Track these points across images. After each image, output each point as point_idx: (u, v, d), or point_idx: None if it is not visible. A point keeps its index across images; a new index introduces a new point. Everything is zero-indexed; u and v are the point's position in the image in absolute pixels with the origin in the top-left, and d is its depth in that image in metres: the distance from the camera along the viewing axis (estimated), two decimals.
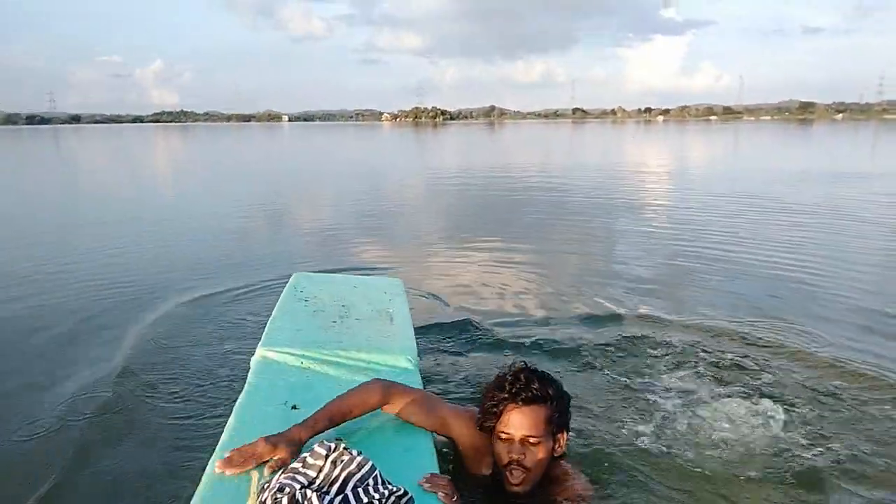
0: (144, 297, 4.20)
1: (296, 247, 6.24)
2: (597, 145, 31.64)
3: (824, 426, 2.46)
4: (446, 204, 10.29)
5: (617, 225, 7.84)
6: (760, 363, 3.04)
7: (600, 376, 2.91)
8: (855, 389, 2.77)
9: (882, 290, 4.69)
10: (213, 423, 2.31)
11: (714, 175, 15.88)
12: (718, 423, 2.46)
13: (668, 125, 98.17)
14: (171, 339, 3.34)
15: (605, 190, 11.47)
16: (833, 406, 2.63)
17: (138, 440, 2.34)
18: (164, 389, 2.73)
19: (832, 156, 22.69)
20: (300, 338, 2.21)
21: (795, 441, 2.34)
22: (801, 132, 54.28)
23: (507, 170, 16.75)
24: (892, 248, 6.38)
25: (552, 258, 5.87)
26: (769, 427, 2.45)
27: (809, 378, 2.89)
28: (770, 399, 2.63)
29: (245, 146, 36.34)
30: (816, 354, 3.20)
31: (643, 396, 2.68)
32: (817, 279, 4.88)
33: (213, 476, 1.41)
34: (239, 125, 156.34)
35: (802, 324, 3.71)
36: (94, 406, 2.58)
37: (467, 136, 52.53)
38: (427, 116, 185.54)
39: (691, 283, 4.85)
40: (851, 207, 8.92)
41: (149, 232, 7.26)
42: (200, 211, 9.31)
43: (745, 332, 3.51)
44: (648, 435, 2.37)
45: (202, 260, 5.59)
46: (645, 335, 3.43)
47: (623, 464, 2.17)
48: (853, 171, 15.43)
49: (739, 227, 7.42)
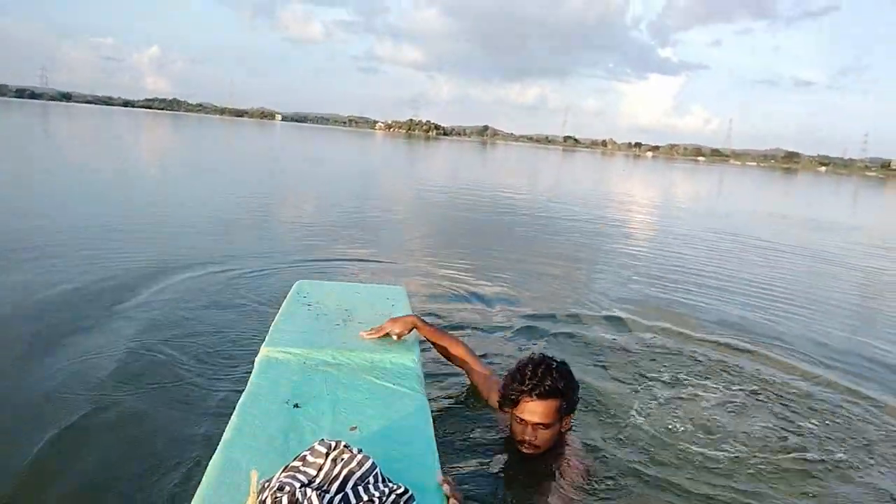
0: (139, 290, 4.13)
1: (300, 255, 5.80)
2: (596, 177, 31.93)
3: (798, 422, 2.90)
4: (443, 217, 10.34)
5: (611, 249, 8.25)
6: (734, 365, 3.59)
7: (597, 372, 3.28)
8: (823, 392, 3.32)
9: (846, 318, 5.50)
10: (215, 421, 2.29)
11: (702, 212, 16.64)
12: (702, 413, 2.90)
13: (656, 161, 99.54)
14: (171, 341, 3.28)
15: (604, 219, 11.91)
16: (802, 402, 3.14)
17: (139, 439, 2.31)
18: (165, 390, 2.70)
19: (814, 205, 24.33)
20: (303, 339, 2.23)
21: (765, 432, 2.78)
22: (786, 180, 55.47)
23: (511, 190, 16.82)
24: (859, 287, 7.25)
25: (541, 271, 6.12)
26: (744, 416, 2.92)
27: (777, 379, 3.44)
28: (741, 391, 3.19)
29: (246, 142, 35.99)
30: (787, 363, 3.77)
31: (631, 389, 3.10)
32: (788, 305, 5.57)
33: (215, 474, 1.41)
34: (231, 119, 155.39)
35: (771, 338, 4.31)
36: (93, 406, 2.52)
37: (463, 152, 52.88)
38: (421, 129, 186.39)
39: (666, 299, 5.36)
40: (828, 251, 9.85)
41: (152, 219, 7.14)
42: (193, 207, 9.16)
43: (719, 341, 4.05)
44: (641, 421, 2.72)
45: (198, 253, 5.45)
46: (620, 338, 3.93)
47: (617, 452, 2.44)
48: (833, 221, 16.58)
49: (726, 258, 8.10)
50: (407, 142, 76.04)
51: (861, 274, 8.12)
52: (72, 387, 2.67)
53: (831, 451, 2.61)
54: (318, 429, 1.62)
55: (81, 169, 12.59)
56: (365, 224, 8.38)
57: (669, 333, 4.07)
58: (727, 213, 16.75)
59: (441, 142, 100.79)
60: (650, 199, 19.27)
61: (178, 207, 8.44)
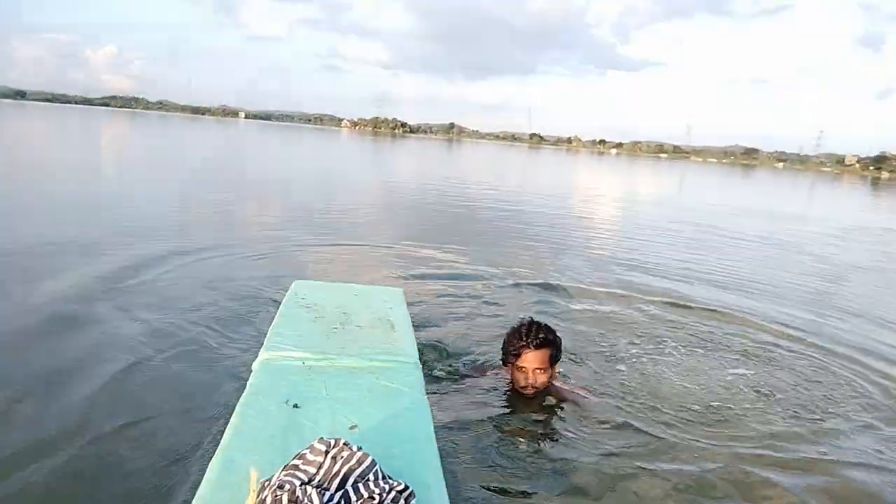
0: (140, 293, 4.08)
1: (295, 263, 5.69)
2: (565, 173, 32.79)
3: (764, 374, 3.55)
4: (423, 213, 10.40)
5: (587, 235, 9.10)
6: (707, 331, 4.27)
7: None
8: (787, 346, 4.09)
9: (800, 288, 6.44)
10: (215, 422, 2.29)
11: (669, 204, 17.73)
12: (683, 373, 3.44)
13: (620, 158, 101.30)
14: (170, 342, 3.24)
15: (583, 211, 13.02)
16: (767, 356, 3.85)
17: (139, 439, 2.29)
18: (164, 392, 2.68)
19: (773, 198, 25.83)
20: (302, 342, 2.23)
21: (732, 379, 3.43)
22: (746, 176, 56.96)
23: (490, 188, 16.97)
24: (815, 268, 8.05)
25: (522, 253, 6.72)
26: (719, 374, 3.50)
27: (743, 338, 4.19)
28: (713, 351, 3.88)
29: (217, 143, 35.31)
30: (755, 322, 4.60)
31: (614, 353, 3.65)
32: (748, 281, 6.41)
33: (215, 474, 1.41)
34: (193, 117, 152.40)
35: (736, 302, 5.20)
36: (91, 411, 2.49)
37: (432, 150, 52.96)
38: (387, 127, 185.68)
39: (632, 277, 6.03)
40: (786, 239, 10.92)
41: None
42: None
43: (677, 302, 4.92)
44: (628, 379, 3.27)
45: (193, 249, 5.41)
46: (591, 306, 4.69)
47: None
48: (790, 213, 17.93)
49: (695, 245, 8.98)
50: (374, 139, 75.71)
51: (813, 257, 8.92)
52: (71, 388, 2.64)
53: (783, 391, 3.31)
54: (317, 428, 1.62)
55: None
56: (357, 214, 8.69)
57: (631, 301, 4.90)
58: (690, 206, 17.81)
59: (408, 139, 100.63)
60: (621, 194, 20.18)
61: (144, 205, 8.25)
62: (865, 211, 22.89)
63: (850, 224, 15.65)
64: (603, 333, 3.97)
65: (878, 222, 17.61)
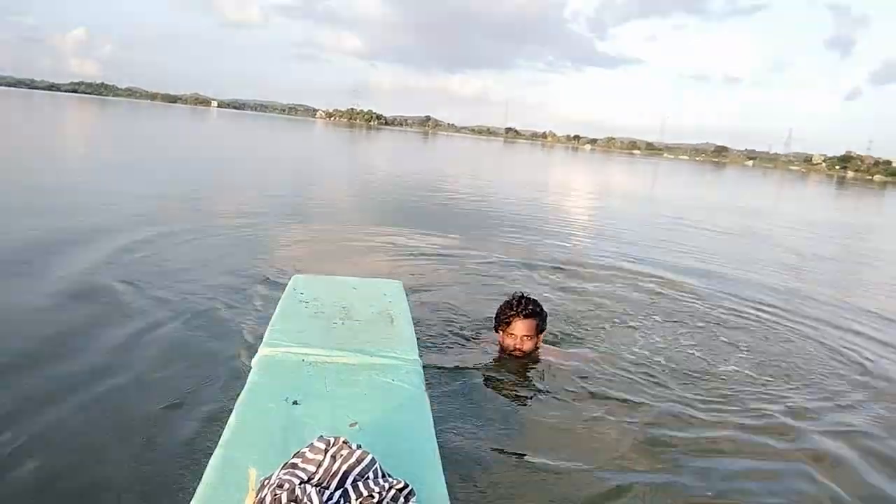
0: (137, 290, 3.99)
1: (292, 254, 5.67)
2: (549, 169, 33.19)
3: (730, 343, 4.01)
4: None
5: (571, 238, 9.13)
6: (679, 304, 4.89)
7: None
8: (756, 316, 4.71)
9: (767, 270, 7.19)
10: (214, 420, 2.28)
11: (647, 198, 18.78)
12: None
13: (595, 154, 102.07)
14: (168, 342, 3.20)
15: (559, 204, 13.57)
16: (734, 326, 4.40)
17: (137, 437, 2.27)
18: (164, 388, 2.66)
19: (743, 194, 27.11)
20: (302, 338, 2.22)
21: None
22: (717, 173, 57.91)
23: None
24: (779, 253, 9.06)
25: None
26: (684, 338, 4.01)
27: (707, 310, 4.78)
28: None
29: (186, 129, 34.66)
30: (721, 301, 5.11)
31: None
32: (721, 265, 7.14)
33: (214, 473, 1.41)
34: (164, 105, 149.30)
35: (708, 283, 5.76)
36: (90, 411, 2.46)
37: (408, 142, 52.78)
38: (362, 119, 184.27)
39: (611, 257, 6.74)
40: (756, 231, 11.92)
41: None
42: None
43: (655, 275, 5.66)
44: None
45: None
46: (573, 283, 5.28)
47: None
48: (760, 208, 19.04)
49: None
50: (350, 131, 75.11)
51: (782, 247, 9.72)
52: (70, 388, 2.60)
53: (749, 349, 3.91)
54: (317, 426, 1.61)
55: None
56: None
57: (613, 279, 5.54)
58: (665, 200, 18.65)
59: (383, 131, 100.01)
60: (598, 188, 20.73)
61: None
62: (830, 210, 23.60)
63: (817, 219, 16.67)
64: (589, 307, 4.49)
65: (841, 219, 18.56)
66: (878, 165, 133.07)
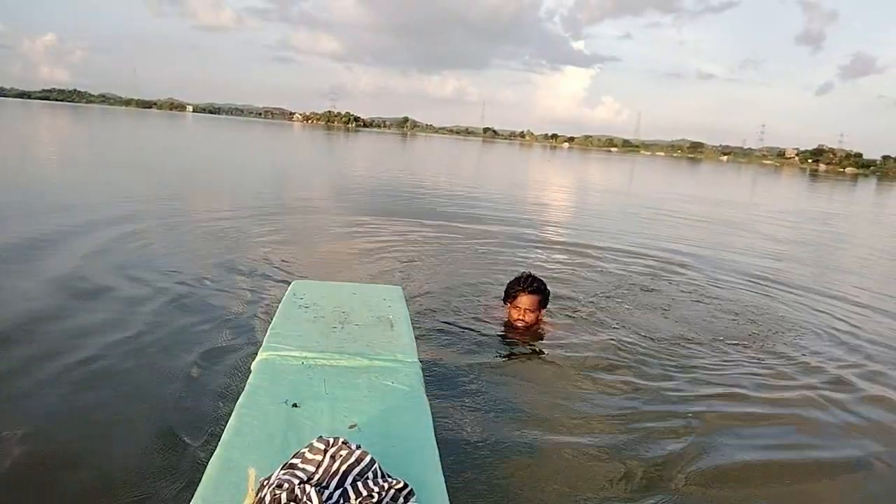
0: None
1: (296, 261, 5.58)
2: (530, 168, 33.51)
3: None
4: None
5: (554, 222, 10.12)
6: (658, 278, 5.62)
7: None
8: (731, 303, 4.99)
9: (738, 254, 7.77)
10: (214, 422, 2.29)
11: (623, 192, 19.57)
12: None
13: (572, 152, 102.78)
14: (166, 340, 3.21)
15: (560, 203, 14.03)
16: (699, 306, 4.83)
17: (138, 438, 2.28)
18: (163, 390, 2.66)
19: (718, 188, 27.97)
20: (301, 342, 2.23)
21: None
22: (693, 168, 58.61)
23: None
24: (753, 240, 9.72)
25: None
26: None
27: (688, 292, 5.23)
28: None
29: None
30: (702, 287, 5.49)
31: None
32: (699, 248, 7.78)
33: (214, 473, 1.41)
34: (139, 111, 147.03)
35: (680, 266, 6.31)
36: (90, 410, 2.46)
37: (389, 143, 52.64)
38: (340, 121, 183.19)
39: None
40: (732, 220, 12.62)
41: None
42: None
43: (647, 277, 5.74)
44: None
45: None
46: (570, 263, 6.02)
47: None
48: (735, 200, 19.85)
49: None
50: (329, 134, 74.67)
51: (759, 234, 10.55)
52: (69, 387, 2.61)
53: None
54: (316, 427, 1.62)
55: None
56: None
57: (605, 258, 6.35)
58: (643, 193, 19.61)
59: (361, 133, 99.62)
60: (581, 184, 21.39)
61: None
62: (802, 200, 24.10)
63: (791, 209, 17.40)
64: (584, 285, 5.10)
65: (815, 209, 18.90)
66: (850, 158, 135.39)
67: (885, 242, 11.79)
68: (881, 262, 8.88)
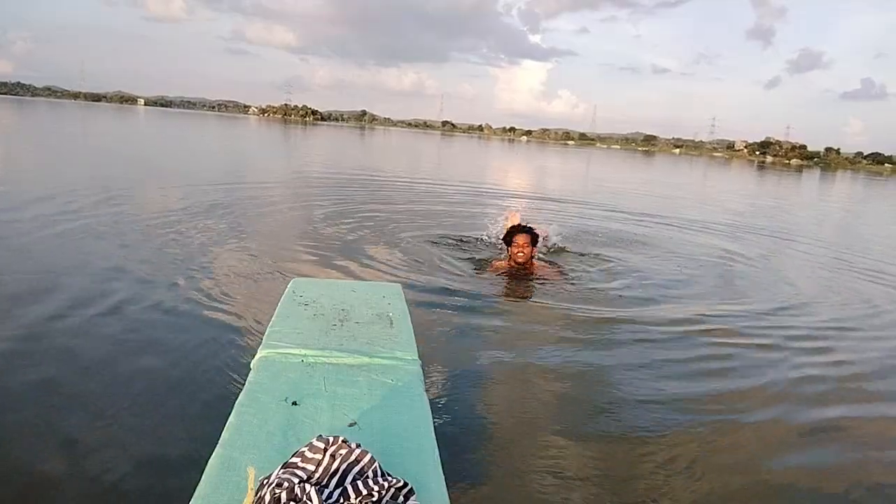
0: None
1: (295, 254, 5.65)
2: (494, 160, 33.90)
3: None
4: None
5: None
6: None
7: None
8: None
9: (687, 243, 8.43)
10: (213, 421, 2.20)
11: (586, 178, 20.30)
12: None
13: (531, 145, 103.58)
14: (166, 339, 3.19)
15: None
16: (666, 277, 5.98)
17: (137, 437, 2.27)
18: (163, 389, 2.66)
19: (672, 178, 29.01)
20: (301, 339, 2.21)
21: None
22: (647, 161, 59.84)
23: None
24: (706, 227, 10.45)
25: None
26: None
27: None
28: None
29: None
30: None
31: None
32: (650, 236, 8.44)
33: (214, 472, 1.41)
34: (87, 104, 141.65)
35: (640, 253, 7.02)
36: (90, 411, 2.44)
37: (348, 137, 52.11)
38: (297, 115, 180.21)
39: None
40: (681, 210, 13.16)
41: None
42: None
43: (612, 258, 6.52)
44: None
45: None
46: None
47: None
48: (687, 191, 20.86)
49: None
50: (287, 127, 73.45)
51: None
52: (68, 387, 2.59)
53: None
54: (316, 426, 1.63)
55: None
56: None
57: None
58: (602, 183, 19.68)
59: (320, 127, 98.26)
60: (535, 178, 21.17)
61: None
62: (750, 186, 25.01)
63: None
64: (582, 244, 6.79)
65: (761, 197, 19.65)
66: (795, 150, 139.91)
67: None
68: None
